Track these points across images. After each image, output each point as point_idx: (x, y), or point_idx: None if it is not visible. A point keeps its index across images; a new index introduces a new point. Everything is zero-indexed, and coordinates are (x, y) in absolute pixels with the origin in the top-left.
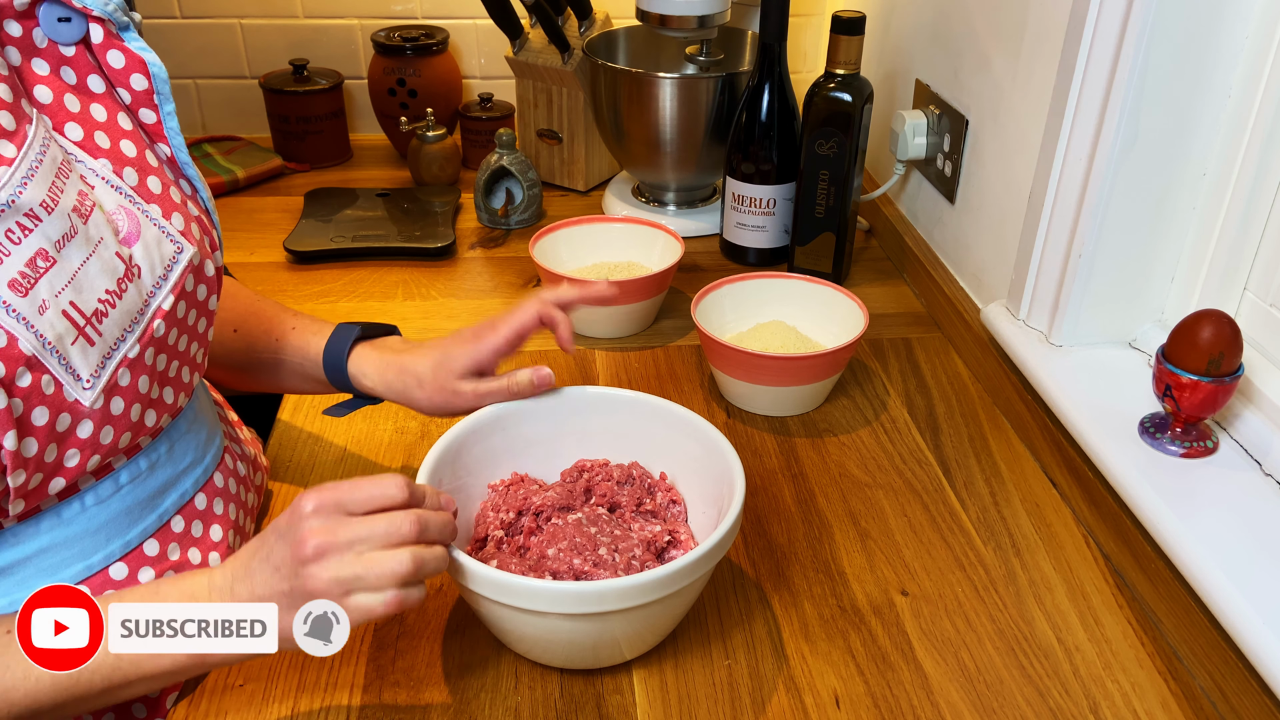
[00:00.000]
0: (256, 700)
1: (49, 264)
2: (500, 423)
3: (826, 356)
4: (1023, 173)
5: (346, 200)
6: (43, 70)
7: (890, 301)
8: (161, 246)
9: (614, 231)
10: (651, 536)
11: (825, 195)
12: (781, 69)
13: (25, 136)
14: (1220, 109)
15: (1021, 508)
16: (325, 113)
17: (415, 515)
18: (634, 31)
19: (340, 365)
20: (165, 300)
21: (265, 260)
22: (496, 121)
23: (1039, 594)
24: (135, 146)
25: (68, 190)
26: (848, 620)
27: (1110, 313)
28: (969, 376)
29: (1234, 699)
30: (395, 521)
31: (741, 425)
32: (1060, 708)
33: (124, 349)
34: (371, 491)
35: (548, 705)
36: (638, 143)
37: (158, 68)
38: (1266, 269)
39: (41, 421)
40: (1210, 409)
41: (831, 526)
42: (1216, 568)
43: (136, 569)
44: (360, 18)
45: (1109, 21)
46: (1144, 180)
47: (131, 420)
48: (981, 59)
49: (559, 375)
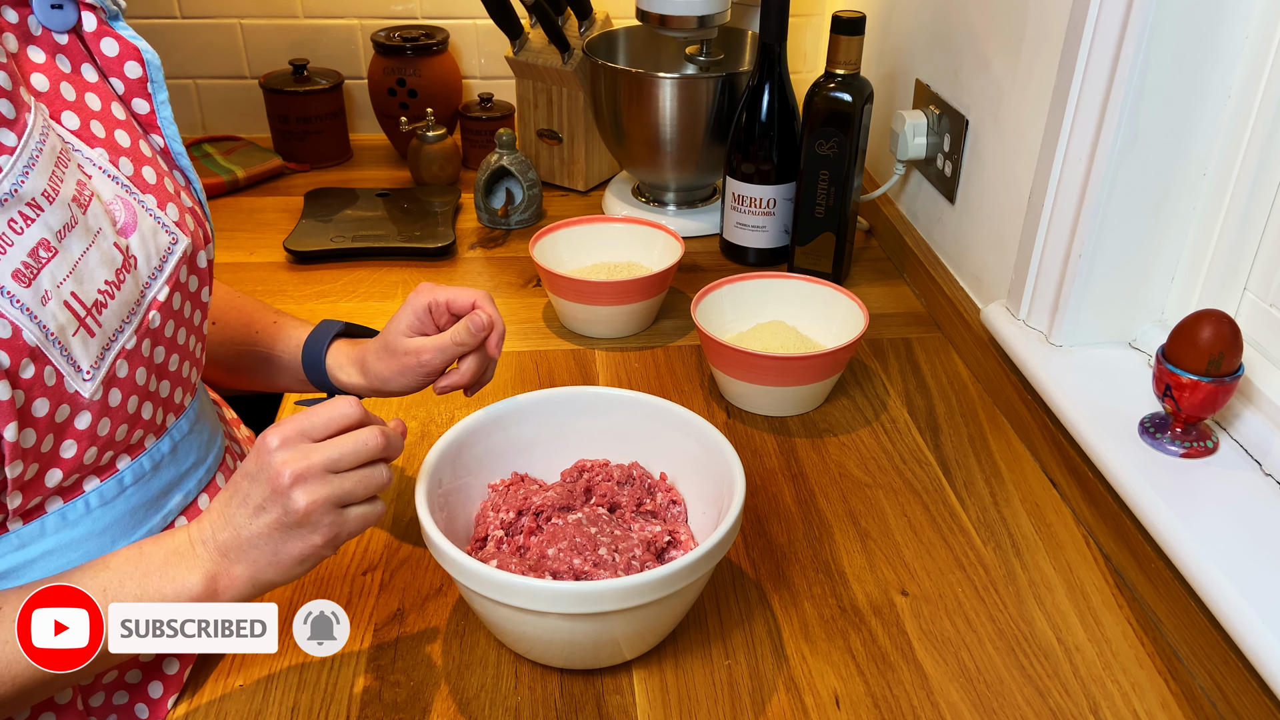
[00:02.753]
0: (256, 700)
1: (51, 254)
2: (500, 423)
3: (826, 356)
4: (1023, 173)
5: (346, 200)
6: (39, 58)
7: (890, 301)
8: (157, 237)
9: (614, 231)
10: (651, 537)
11: (825, 195)
12: (781, 69)
13: (25, 125)
14: (1220, 109)
15: (1021, 508)
16: (325, 113)
17: (379, 430)
18: (634, 31)
19: (318, 361)
20: (160, 291)
21: (265, 260)
22: (496, 121)
23: (1039, 594)
24: (129, 137)
25: (67, 180)
26: (848, 620)
27: (1110, 313)
28: (969, 376)
29: (1234, 699)
30: (362, 438)
31: (741, 425)
32: (1060, 708)
33: (122, 340)
34: (330, 415)
35: (548, 705)
36: (638, 143)
37: (151, 55)
38: (1266, 269)
39: (42, 413)
40: (1210, 409)
41: (831, 526)
42: (1216, 568)
43: None
44: (360, 18)
45: (1109, 21)
46: (1144, 180)
47: (129, 412)
48: (981, 59)
49: (559, 376)
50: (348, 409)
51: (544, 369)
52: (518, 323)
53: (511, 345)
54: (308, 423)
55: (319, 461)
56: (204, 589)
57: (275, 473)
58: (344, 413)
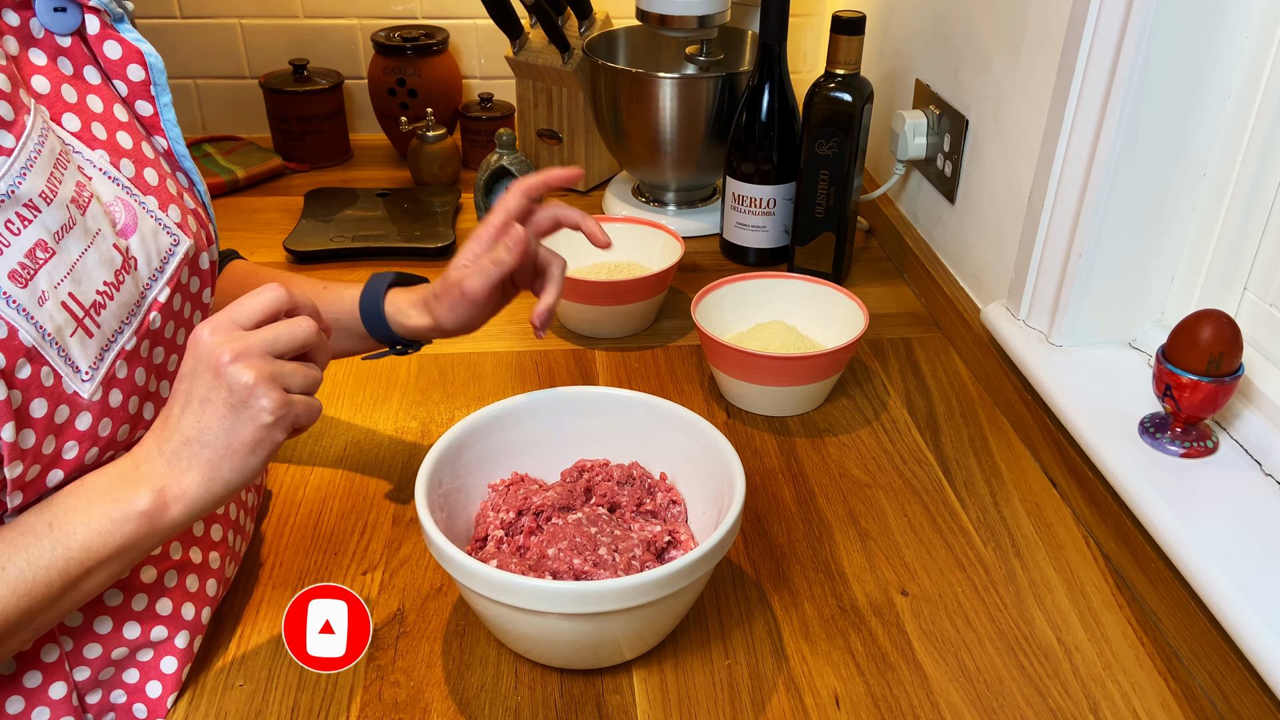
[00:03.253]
0: (256, 700)
1: (48, 255)
2: (500, 423)
3: (826, 356)
4: (1023, 173)
5: (346, 200)
6: (40, 60)
7: (890, 301)
8: (158, 239)
9: (614, 231)
10: (651, 536)
11: (825, 195)
12: (781, 69)
13: (24, 126)
14: (1220, 109)
15: (1021, 508)
16: (325, 113)
17: (309, 321)
18: (634, 31)
19: (376, 310)
20: (161, 293)
21: (265, 260)
22: (496, 121)
23: (1039, 594)
24: (132, 138)
25: (66, 181)
26: (848, 620)
27: (1110, 313)
28: (969, 376)
29: (1234, 699)
30: (296, 323)
31: (741, 425)
32: (1060, 708)
33: (121, 341)
34: (257, 302)
35: (548, 705)
36: (638, 143)
37: (154, 58)
38: (1266, 269)
39: (40, 413)
40: (1210, 409)
41: (831, 526)
42: (1216, 568)
43: (138, 568)
44: (360, 18)
45: (1109, 22)
46: (1144, 180)
47: (129, 413)
48: (981, 59)
49: (559, 376)
50: (273, 294)
51: (544, 369)
52: (517, 323)
53: (511, 345)
54: (236, 312)
55: (256, 342)
56: (153, 504)
57: (214, 357)
58: (270, 298)
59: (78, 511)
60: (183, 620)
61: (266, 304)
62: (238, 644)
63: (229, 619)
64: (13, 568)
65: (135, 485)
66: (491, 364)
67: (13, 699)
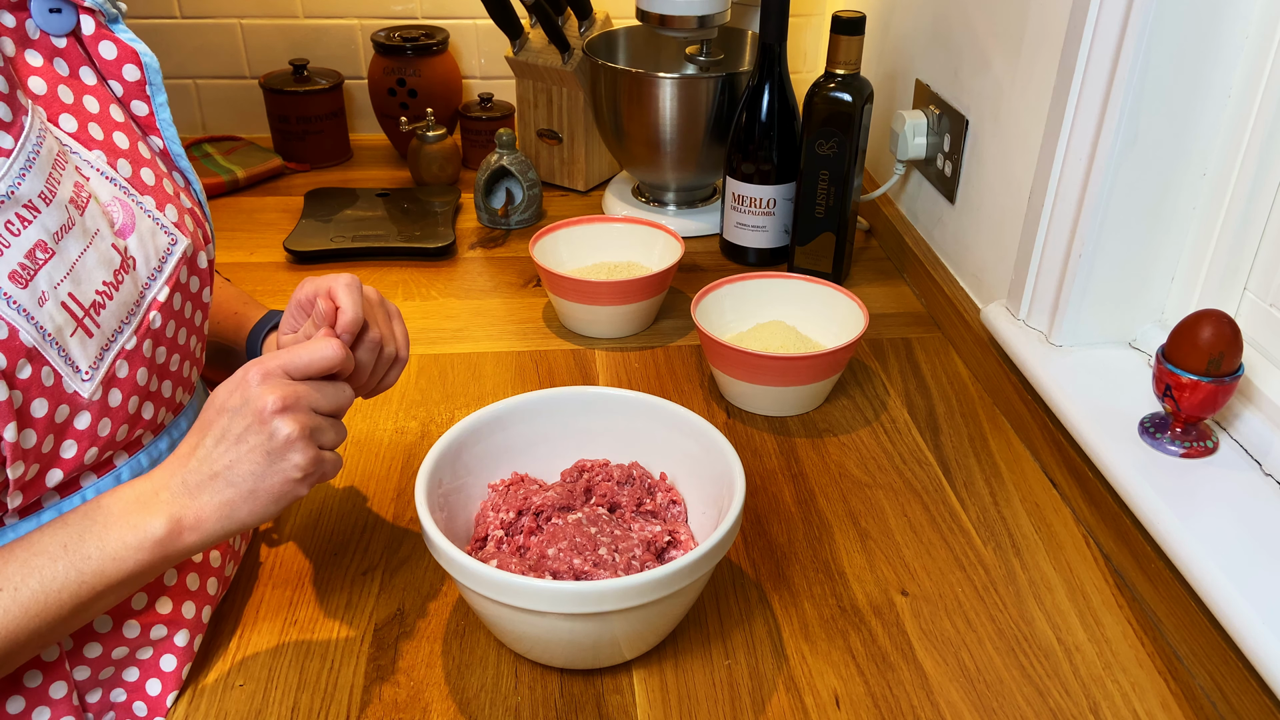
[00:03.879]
0: (256, 700)
1: (48, 255)
2: (500, 423)
3: (826, 356)
4: (1023, 173)
5: (346, 200)
6: (36, 62)
7: (890, 301)
8: (156, 238)
9: (614, 231)
10: (651, 536)
11: (825, 195)
12: (781, 69)
13: (22, 128)
14: (1220, 109)
15: (1021, 508)
16: (325, 113)
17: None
18: (634, 31)
19: (256, 349)
20: (160, 292)
21: (265, 260)
22: (496, 121)
23: (1039, 594)
24: (128, 139)
25: (64, 181)
26: (848, 620)
27: (1110, 313)
28: (969, 376)
29: (1234, 699)
30: (340, 390)
31: (741, 425)
32: (1060, 708)
33: (121, 340)
34: (312, 356)
35: (548, 705)
36: (638, 143)
37: (149, 58)
38: (1266, 269)
39: (41, 413)
40: (1210, 409)
41: (831, 526)
42: (1216, 568)
43: None
44: (360, 18)
45: (1109, 21)
46: (1144, 180)
47: (129, 412)
48: (981, 59)
49: (559, 376)
50: (329, 352)
51: (544, 369)
52: (517, 323)
53: (511, 345)
54: (289, 360)
55: (304, 395)
56: (168, 532)
57: (261, 402)
58: (324, 355)
59: (93, 535)
60: (183, 619)
61: (324, 364)
62: (238, 644)
63: (229, 618)
64: (25, 589)
65: (153, 512)
66: (491, 364)
67: (13, 699)
